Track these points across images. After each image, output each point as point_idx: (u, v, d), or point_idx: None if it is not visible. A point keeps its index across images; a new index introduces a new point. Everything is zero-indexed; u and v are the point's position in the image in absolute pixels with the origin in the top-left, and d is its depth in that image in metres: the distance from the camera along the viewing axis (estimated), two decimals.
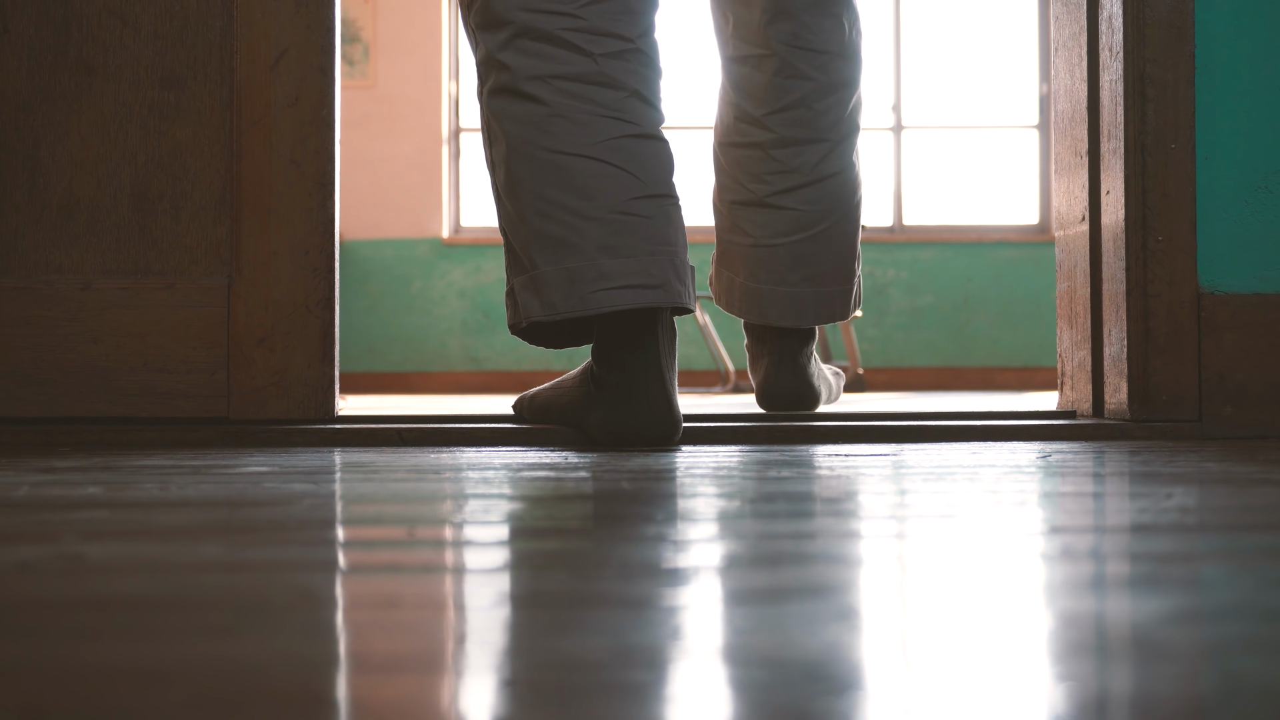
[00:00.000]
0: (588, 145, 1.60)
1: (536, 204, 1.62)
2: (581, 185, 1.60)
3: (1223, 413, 1.95)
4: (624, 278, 1.59)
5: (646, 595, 0.68)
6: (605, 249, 1.59)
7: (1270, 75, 2.00)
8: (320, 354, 1.94)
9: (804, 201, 2.04)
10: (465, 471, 1.40)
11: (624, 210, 1.60)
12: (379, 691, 0.50)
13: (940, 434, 1.91)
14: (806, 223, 2.04)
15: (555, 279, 1.61)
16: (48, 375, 1.92)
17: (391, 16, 7.56)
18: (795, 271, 2.04)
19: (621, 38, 1.64)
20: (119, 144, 1.96)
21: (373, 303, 7.48)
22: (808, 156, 2.03)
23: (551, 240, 1.61)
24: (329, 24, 1.96)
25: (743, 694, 0.49)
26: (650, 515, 1.02)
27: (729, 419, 2.01)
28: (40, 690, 0.50)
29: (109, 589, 0.71)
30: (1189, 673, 0.52)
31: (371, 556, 0.85)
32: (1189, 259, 1.97)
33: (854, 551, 0.83)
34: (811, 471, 1.39)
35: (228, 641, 0.58)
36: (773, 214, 2.03)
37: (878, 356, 7.36)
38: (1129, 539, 0.89)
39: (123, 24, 1.96)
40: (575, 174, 1.60)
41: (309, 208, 1.94)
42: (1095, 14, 2.09)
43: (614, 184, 1.60)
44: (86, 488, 1.23)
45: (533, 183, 1.62)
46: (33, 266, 1.95)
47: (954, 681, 0.50)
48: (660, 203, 1.63)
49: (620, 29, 1.64)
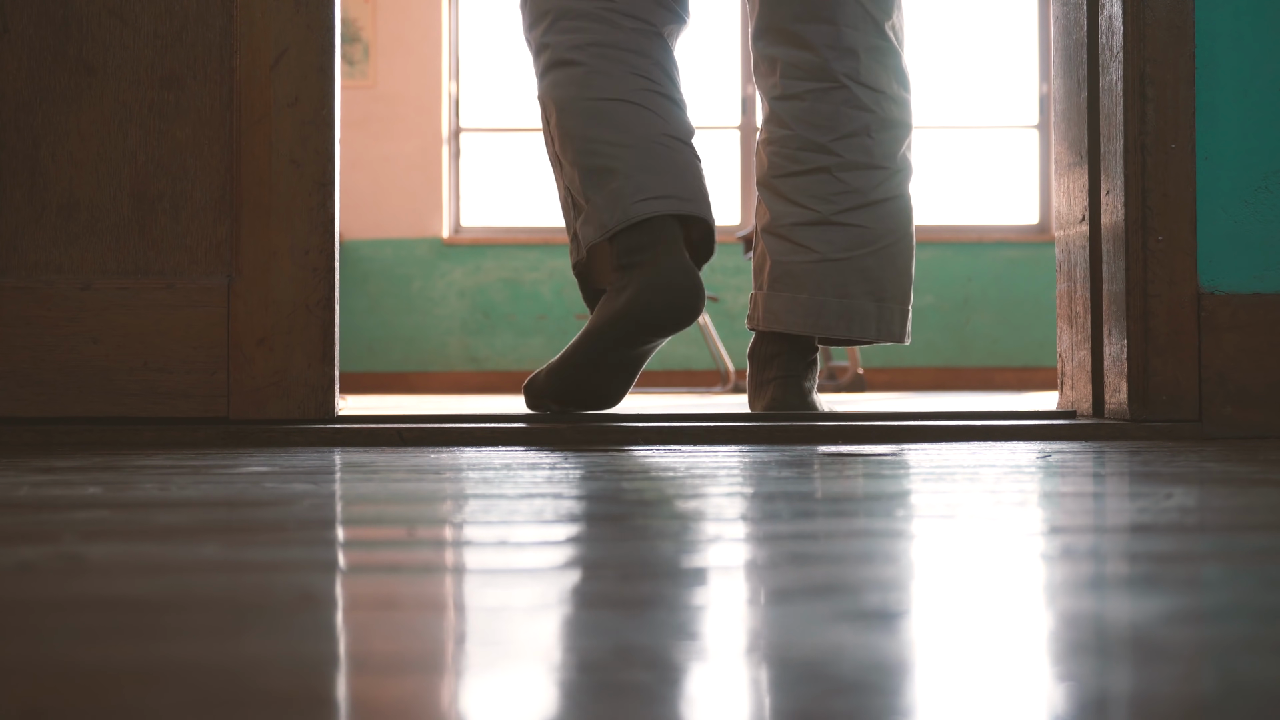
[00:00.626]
0: (621, 92, 1.87)
1: (583, 145, 1.87)
2: (618, 122, 1.86)
3: (1223, 413, 1.95)
4: (660, 189, 1.84)
5: (647, 595, 0.68)
6: (642, 168, 1.83)
7: (1270, 75, 2.00)
8: (320, 354, 1.94)
9: (868, 219, 2.13)
10: (465, 471, 1.40)
11: (655, 140, 1.86)
12: (379, 691, 0.50)
13: (940, 434, 1.91)
14: (870, 239, 2.13)
15: (603, 202, 1.85)
16: (48, 375, 1.92)
17: (391, 16, 7.56)
18: (859, 286, 2.12)
19: (647, 22, 1.91)
20: (119, 144, 1.96)
21: (373, 303, 7.49)
22: (870, 179, 2.13)
23: (597, 171, 1.86)
24: (329, 24, 1.96)
25: (744, 694, 0.49)
26: (651, 515, 1.02)
27: (729, 419, 2.01)
28: (40, 690, 0.50)
29: (109, 589, 0.71)
30: (1189, 673, 0.52)
31: (371, 557, 0.85)
32: (1189, 259, 1.97)
33: (854, 552, 0.83)
34: (812, 471, 1.39)
35: (228, 641, 0.58)
36: (839, 230, 2.13)
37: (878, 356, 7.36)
38: (1129, 539, 0.89)
39: (122, 24, 1.96)
40: (611, 114, 1.86)
41: (309, 208, 1.94)
42: (1095, 14, 2.09)
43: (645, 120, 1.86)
44: (86, 488, 1.23)
45: (579, 130, 1.87)
46: (33, 266, 1.95)
47: (955, 681, 0.50)
48: (684, 146, 1.90)
49: (646, 15, 1.91)
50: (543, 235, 7.58)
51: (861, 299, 2.11)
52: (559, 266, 7.49)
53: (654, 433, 1.90)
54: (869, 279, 2.12)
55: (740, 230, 6.99)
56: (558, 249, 7.50)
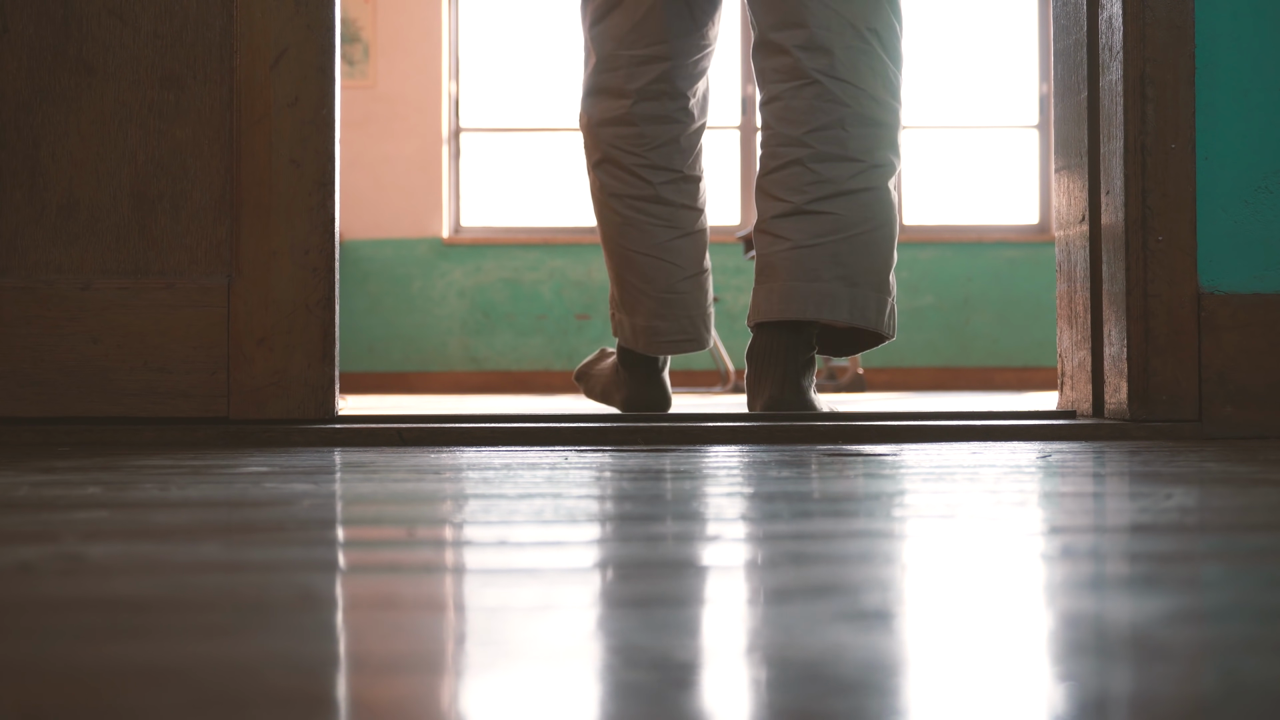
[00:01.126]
0: (648, 246, 2.30)
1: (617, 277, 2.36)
2: (643, 272, 2.31)
3: (1223, 413, 1.95)
4: (670, 334, 2.32)
5: (648, 595, 0.68)
6: (657, 315, 2.32)
7: (1270, 75, 2.00)
8: (320, 354, 1.94)
9: (840, 207, 2.17)
10: (465, 471, 1.40)
11: (670, 290, 2.31)
12: (378, 692, 0.50)
13: (940, 434, 1.91)
14: (842, 225, 2.17)
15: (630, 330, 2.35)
16: (48, 375, 1.92)
17: (391, 16, 7.56)
18: (831, 270, 2.16)
19: (674, 171, 2.31)
20: (119, 144, 1.96)
21: (373, 303, 7.49)
22: (843, 170, 2.17)
23: (627, 304, 2.35)
24: (329, 24, 1.96)
25: (746, 693, 0.49)
26: (651, 515, 1.02)
27: (729, 419, 2.01)
28: (40, 690, 0.50)
29: (109, 589, 0.71)
30: (1189, 673, 0.52)
31: (371, 556, 0.85)
32: (1189, 259, 1.97)
33: (854, 552, 0.83)
34: (811, 471, 1.39)
35: (228, 641, 0.58)
36: (811, 219, 2.18)
37: (878, 356, 7.36)
38: (1129, 539, 0.89)
39: (122, 23, 1.96)
40: (639, 265, 2.32)
41: (309, 207, 1.94)
42: (1095, 14, 2.09)
43: (665, 272, 2.31)
44: (86, 488, 1.23)
45: (618, 266, 2.35)
46: (33, 266, 1.95)
47: (955, 681, 0.50)
48: (694, 279, 2.33)
49: (673, 164, 2.30)
50: (543, 235, 7.58)
51: (833, 282, 2.15)
52: (559, 266, 7.49)
53: (654, 432, 1.90)
54: (840, 263, 2.15)
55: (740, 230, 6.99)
56: (558, 249, 7.50)
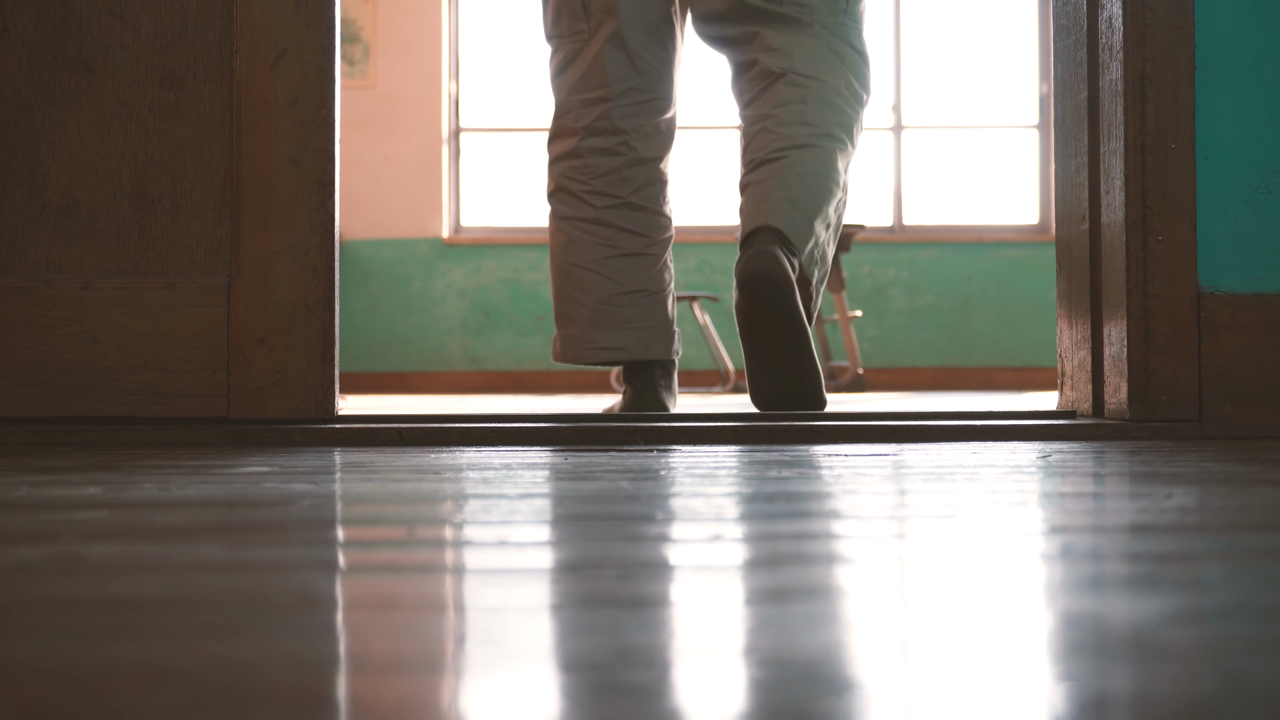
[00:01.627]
0: (588, 260, 2.46)
1: (559, 291, 2.51)
2: (582, 284, 2.46)
3: (1223, 413, 1.95)
4: (602, 343, 2.45)
5: (647, 595, 0.68)
6: (591, 324, 2.45)
7: (1270, 75, 2.00)
8: (320, 354, 1.94)
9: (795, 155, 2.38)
10: (465, 471, 1.40)
11: (606, 302, 2.46)
12: (379, 692, 0.50)
13: (940, 434, 1.91)
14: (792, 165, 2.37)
15: (563, 339, 2.50)
16: (48, 375, 1.92)
17: (391, 16, 7.56)
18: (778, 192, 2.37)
19: (615, 197, 2.48)
20: (119, 143, 1.96)
21: (373, 303, 7.49)
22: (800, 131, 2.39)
23: (564, 316, 2.49)
24: (329, 24, 1.96)
25: (744, 694, 0.49)
26: (650, 515, 1.02)
27: (729, 419, 2.01)
28: (40, 690, 0.50)
29: (109, 589, 0.71)
30: (1189, 673, 0.52)
31: (371, 557, 0.85)
32: (1189, 259, 1.97)
33: (855, 552, 0.83)
34: (811, 471, 1.39)
35: (228, 641, 0.58)
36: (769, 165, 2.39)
37: (878, 356, 7.36)
38: (1129, 539, 0.89)
39: (122, 23, 1.96)
40: (580, 278, 2.47)
41: (309, 207, 1.94)
42: (1095, 14, 2.09)
43: (602, 285, 2.46)
44: (86, 488, 1.23)
45: (560, 281, 2.50)
46: (33, 266, 1.95)
47: (955, 681, 0.50)
48: (632, 296, 2.47)
49: (616, 191, 2.48)
50: (542, 235, 7.57)
51: (779, 202, 2.36)
52: None
53: (654, 432, 1.90)
54: (786, 187, 2.36)
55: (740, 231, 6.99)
56: None
